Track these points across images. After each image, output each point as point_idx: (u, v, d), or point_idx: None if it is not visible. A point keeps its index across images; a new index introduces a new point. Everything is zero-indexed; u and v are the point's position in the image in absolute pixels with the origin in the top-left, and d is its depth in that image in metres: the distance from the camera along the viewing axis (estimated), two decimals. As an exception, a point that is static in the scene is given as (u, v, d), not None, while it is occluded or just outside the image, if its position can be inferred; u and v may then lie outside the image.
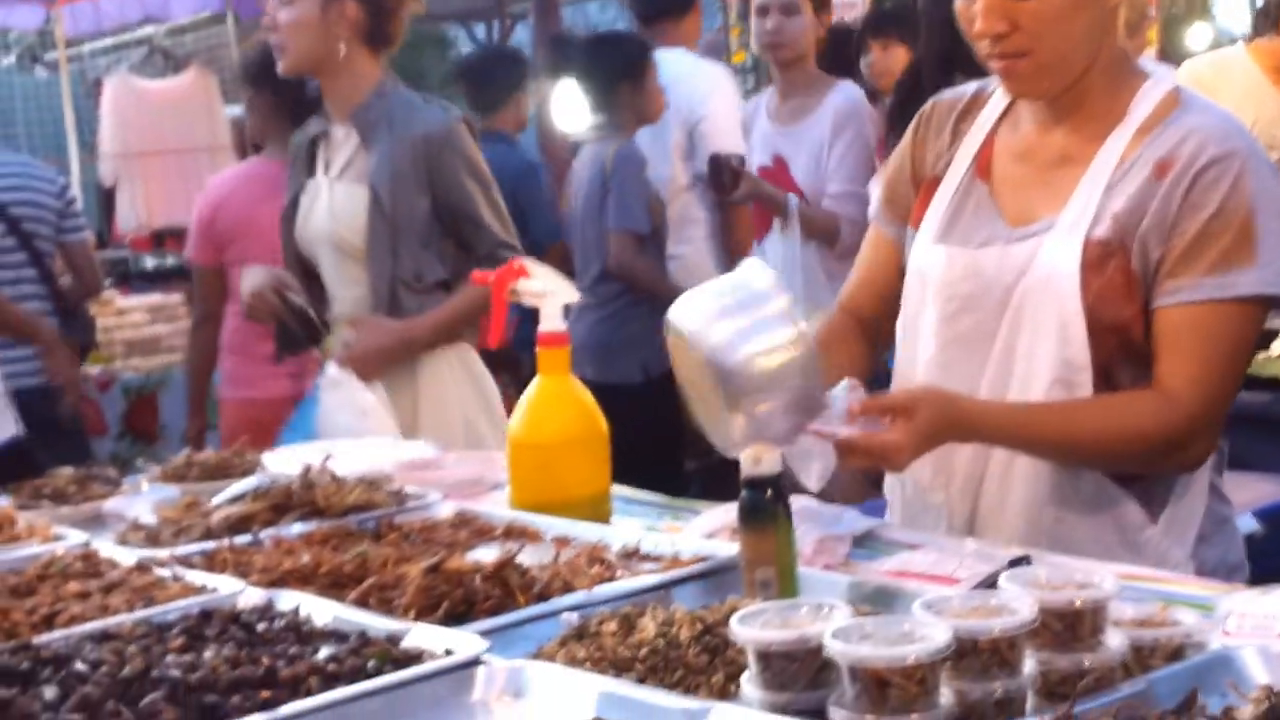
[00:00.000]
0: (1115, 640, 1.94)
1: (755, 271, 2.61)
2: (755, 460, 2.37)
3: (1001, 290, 2.75)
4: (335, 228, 4.44)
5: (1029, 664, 1.88)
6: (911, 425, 2.57)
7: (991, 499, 2.81)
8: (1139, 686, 1.89)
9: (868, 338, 3.09)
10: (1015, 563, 2.34)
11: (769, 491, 2.37)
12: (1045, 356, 2.71)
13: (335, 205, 4.46)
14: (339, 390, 4.22)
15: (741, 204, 6.07)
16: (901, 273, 2.98)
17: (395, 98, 4.43)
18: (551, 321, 3.10)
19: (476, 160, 4.47)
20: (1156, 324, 2.68)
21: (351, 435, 3.97)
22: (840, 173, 5.93)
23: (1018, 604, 1.89)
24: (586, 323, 5.88)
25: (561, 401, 3.07)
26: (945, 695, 1.82)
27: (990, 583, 2.13)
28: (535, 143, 8.47)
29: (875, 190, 3.12)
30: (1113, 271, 2.66)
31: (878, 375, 3.03)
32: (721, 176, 5.93)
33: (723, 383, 2.53)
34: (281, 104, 5.63)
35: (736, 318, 2.55)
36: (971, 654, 1.85)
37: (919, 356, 2.90)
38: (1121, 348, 2.69)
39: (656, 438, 5.35)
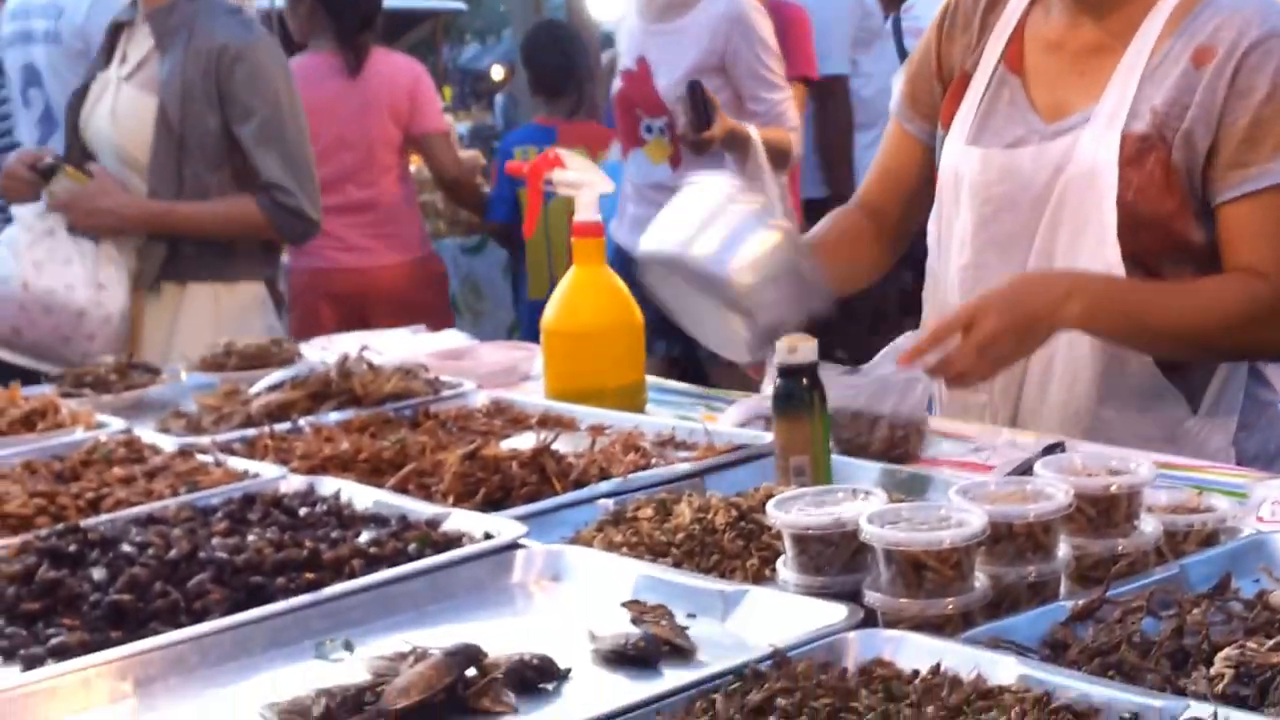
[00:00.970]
0: (1149, 526, 1.96)
1: (708, 182, 2.62)
2: (791, 349, 2.38)
3: (1039, 189, 2.73)
4: (118, 137, 4.23)
5: (1063, 549, 1.90)
6: (977, 331, 2.52)
7: (1033, 398, 2.80)
8: (1172, 571, 1.92)
9: (885, 238, 3.06)
10: (1050, 450, 2.35)
11: (804, 380, 2.38)
12: (1086, 255, 2.69)
13: (119, 110, 4.24)
14: (32, 232, 4.04)
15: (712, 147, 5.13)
16: (924, 171, 2.96)
17: (203, 5, 4.19)
18: (586, 211, 3.11)
19: (274, 86, 4.21)
20: (1226, 218, 2.64)
21: (53, 280, 3.93)
22: (756, 86, 5.30)
23: (1053, 490, 1.91)
24: None
25: (596, 291, 3.08)
26: (979, 579, 1.84)
27: (1025, 469, 2.14)
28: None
29: (897, 85, 3.08)
30: (1152, 165, 2.63)
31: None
32: (699, 108, 5.04)
33: (720, 291, 2.55)
34: (318, 5, 5.67)
35: (711, 228, 2.56)
36: (1006, 538, 1.88)
37: (954, 262, 2.88)
38: (1164, 242, 2.67)
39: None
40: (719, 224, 2.55)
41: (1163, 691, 1.57)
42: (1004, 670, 1.64)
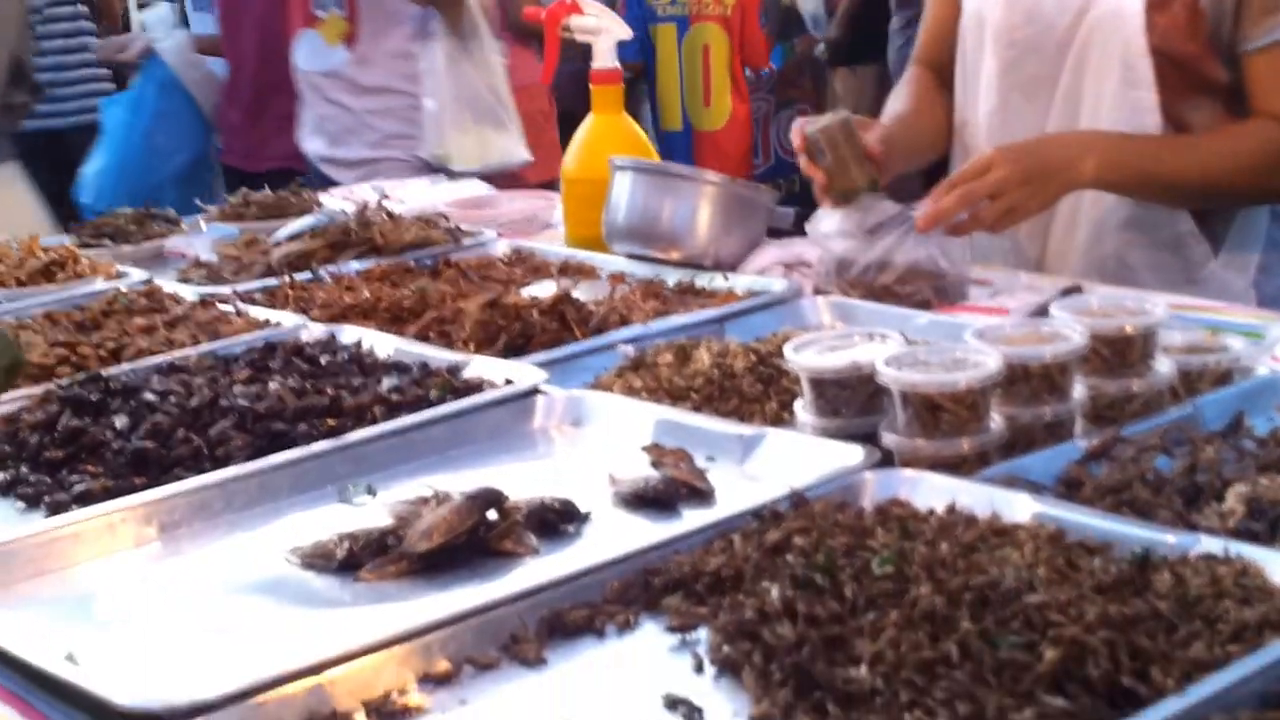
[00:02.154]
0: (1164, 366, 1.96)
1: None
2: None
3: (1063, 31, 2.69)
4: None
5: (1078, 389, 1.91)
6: (989, 177, 2.49)
7: (1059, 240, 2.79)
8: (1186, 410, 1.93)
9: (950, 88, 3.02)
10: (1067, 292, 2.35)
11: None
12: (1111, 97, 2.66)
13: None
14: None
15: None
16: None
17: None
18: (604, 59, 3.08)
19: None
20: (1253, 65, 2.60)
21: None
22: None
23: (1068, 331, 1.91)
24: None
25: (615, 137, 3.07)
26: (995, 420, 1.85)
27: (1041, 311, 2.15)
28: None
29: None
30: (1178, 8, 2.60)
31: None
32: None
33: None
34: None
35: None
36: (1022, 380, 1.88)
37: (980, 108, 2.85)
38: (1189, 85, 2.64)
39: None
40: None
41: (1174, 527, 1.58)
42: (1018, 508, 1.66)
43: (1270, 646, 1.31)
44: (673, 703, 1.40)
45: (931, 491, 1.73)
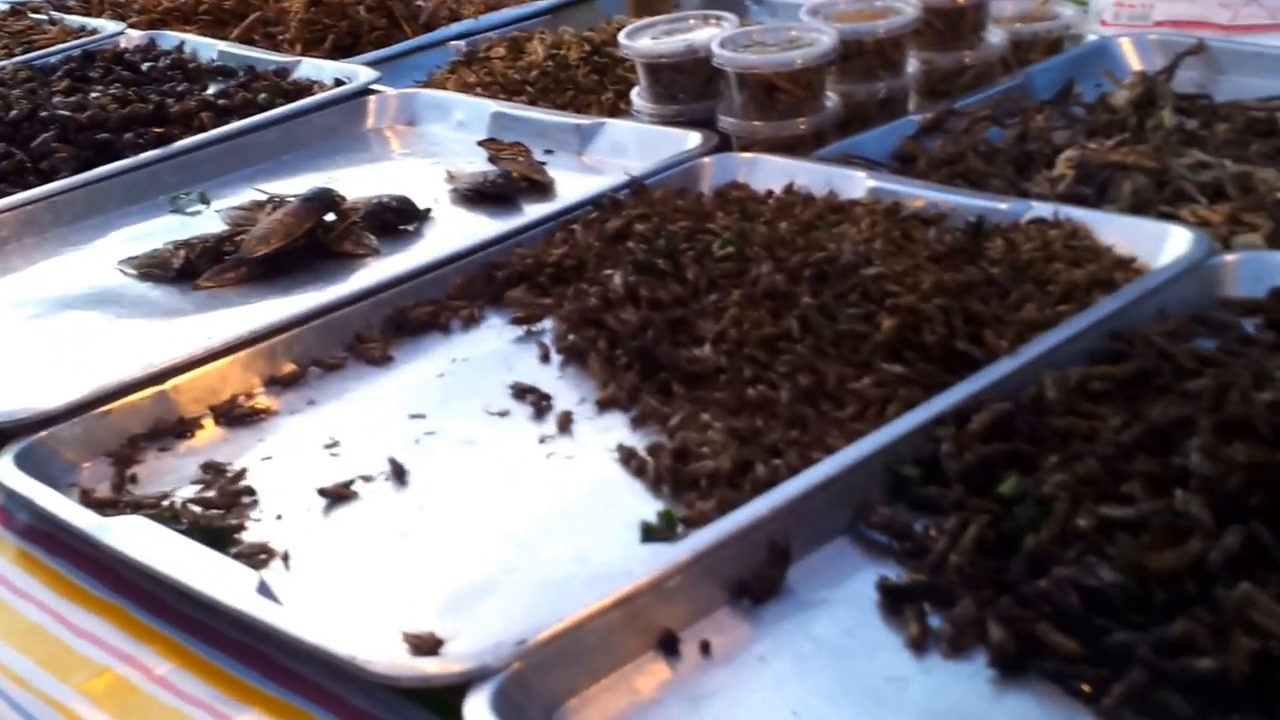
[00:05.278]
0: (995, 37, 1.97)
1: None
2: None
3: None
4: None
5: (911, 64, 1.91)
6: None
7: None
8: (1017, 80, 1.94)
9: None
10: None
11: None
12: None
13: None
14: None
15: None
16: None
17: None
18: None
19: None
20: None
21: None
22: None
23: (901, 5, 1.90)
24: None
25: None
26: (831, 98, 1.85)
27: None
28: None
29: None
30: None
31: None
32: None
33: None
34: None
35: None
36: (857, 56, 1.88)
37: None
38: None
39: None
40: None
41: (1006, 195, 1.61)
42: (855, 185, 1.67)
43: (1098, 305, 1.35)
44: (521, 392, 1.41)
45: (769, 172, 1.73)
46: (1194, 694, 0.93)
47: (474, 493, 1.28)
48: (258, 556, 1.21)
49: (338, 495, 1.29)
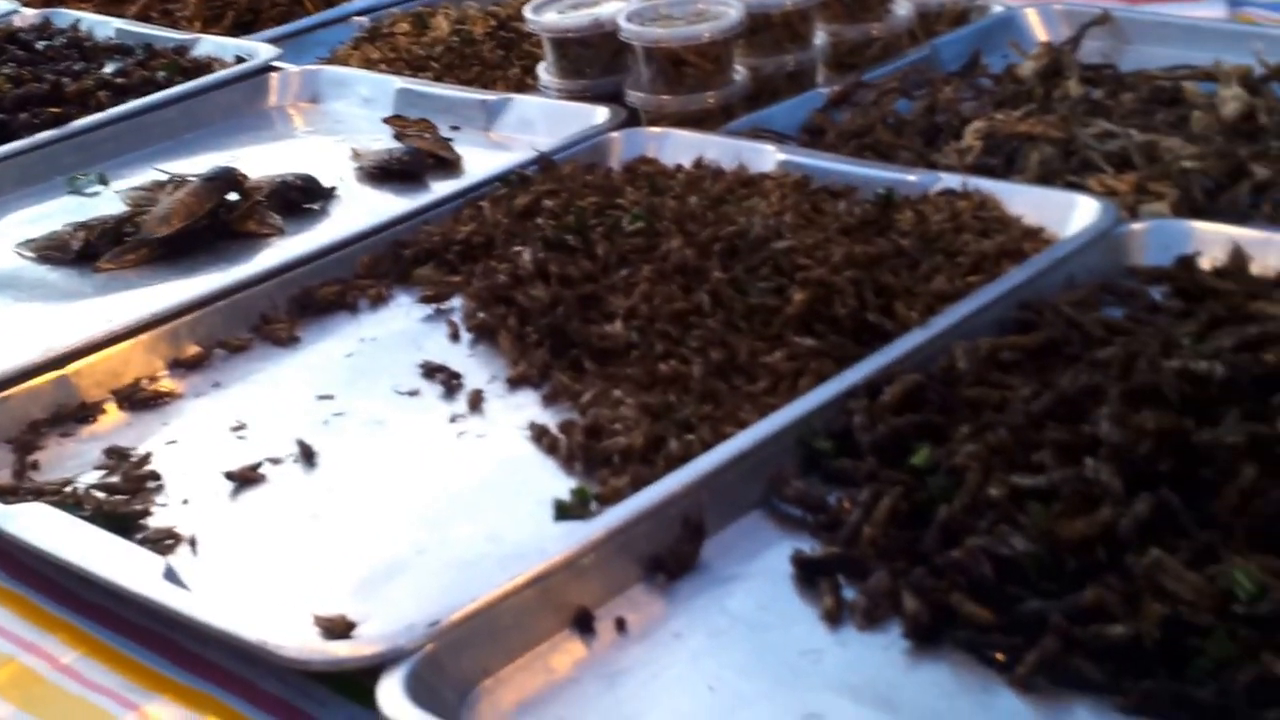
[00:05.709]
0: (902, 9, 1.97)
1: None
2: None
3: None
4: None
5: (820, 36, 1.91)
6: None
7: None
8: (924, 52, 1.94)
9: None
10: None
11: None
12: None
13: None
14: None
15: None
16: None
17: None
18: None
19: None
20: None
21: None
22: None
23: (808, -22, 1.90)
24: None
25: None
26: (739, 71, 1.84)
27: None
28: None
29: None
30: None
31: None
32: None
33: None
34: None
35: None
36: (764, 29, 1.87)
37: None
38: None
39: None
40: None
41: (915, 167, 1.61)
42: (764, 158, 1.66)
43: (1008, 275, 1.36)
44: (430, 371, 1.40)
45: (678, 147, 1.73)
46: (1106, 660, 0.94)
47: (384, 473, 1.26)
48: (164, 542, 1.19)
49: (245, 478, 1.27)
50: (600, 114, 1.83)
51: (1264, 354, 1.11)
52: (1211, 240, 1.38)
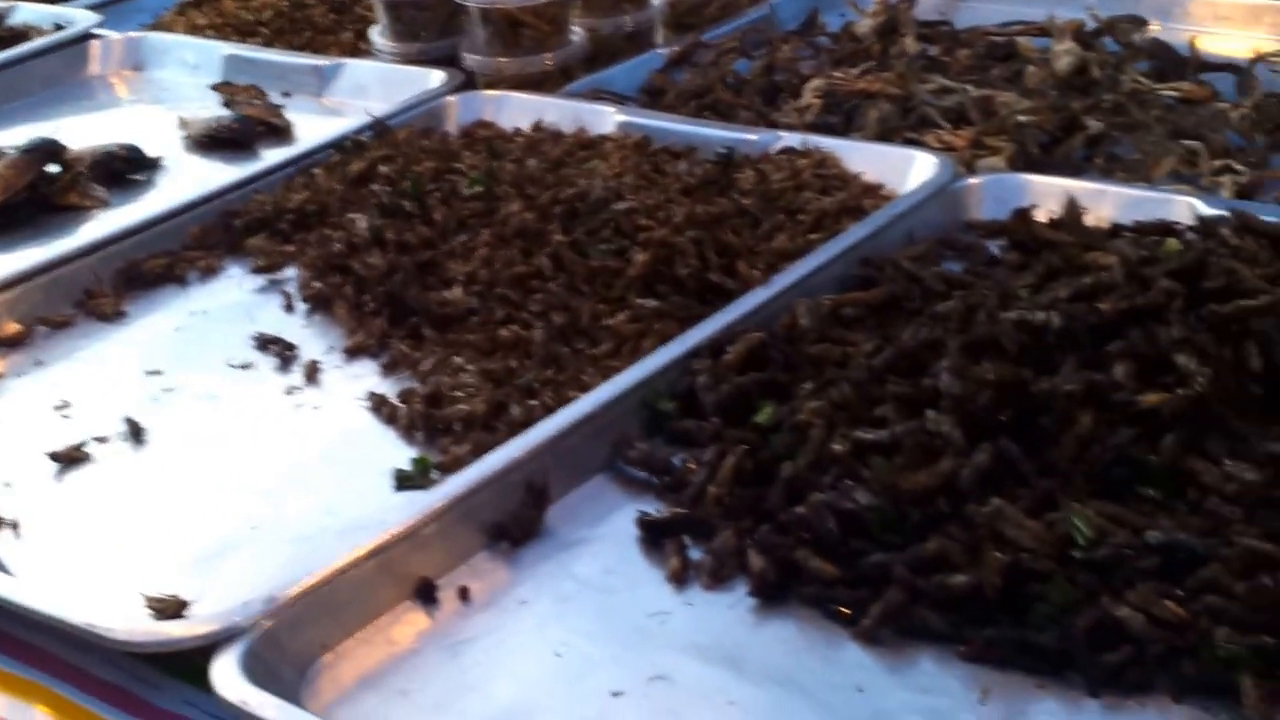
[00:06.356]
0: (739, -31, 1.97)
1: None
2: None
3: None
4: None
5: (657, 6, 1.90)
6: None
7: None
8: (763, 11, 1.94)
9: None
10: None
11: None
12: None
13: None
14: None
15: None
16: None
17: None
18: None
19: None
20: None
21: None
22: None
23: (644, -62, 1.88)
24: None
25: None
26: (577, 33, 1.82)
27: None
28: None
29: None
30: None
31: None
32: None
33: None
34: None
35: None
36: (600, -9, 1.86)
37: None
38: None
39: None
40: None
41: (755, 126, 1.60)
42: (604, 120, 1.64)
43: (848, 232, 1.35)
44: (264, 343, 1.36)
45: (517, 110, 1.70)
46: (949, 609, 0.94)
47: (217, 449, 1.22)
48: (-15, 527, 1.14)
49: (70, 458, 1.22)
50: (436, 77, 1.80)
51: (1099, 303, 1.11)
52: (1047, 193, 1.39)
